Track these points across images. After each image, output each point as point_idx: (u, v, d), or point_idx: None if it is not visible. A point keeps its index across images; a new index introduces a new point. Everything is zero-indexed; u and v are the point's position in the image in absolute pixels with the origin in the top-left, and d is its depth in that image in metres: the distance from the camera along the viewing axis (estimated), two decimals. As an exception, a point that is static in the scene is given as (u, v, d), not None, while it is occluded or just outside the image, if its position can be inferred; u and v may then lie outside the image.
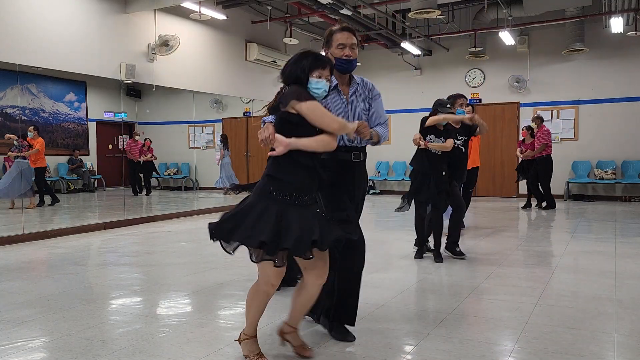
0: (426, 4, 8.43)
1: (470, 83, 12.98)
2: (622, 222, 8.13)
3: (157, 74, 9.12)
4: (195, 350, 2.91)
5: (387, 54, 13.37)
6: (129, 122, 12.90)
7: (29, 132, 9.34)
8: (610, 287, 4.18)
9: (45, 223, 8.34)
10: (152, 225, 8.27)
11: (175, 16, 9.44)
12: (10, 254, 5.87)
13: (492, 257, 5.47)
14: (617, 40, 11.28)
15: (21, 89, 10.13)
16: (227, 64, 10.69)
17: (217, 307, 3.83)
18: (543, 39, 12.07)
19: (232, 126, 14.07)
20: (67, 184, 11.79)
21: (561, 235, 7.09)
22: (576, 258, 5.42)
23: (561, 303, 3.76)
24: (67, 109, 11.54)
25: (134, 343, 3.02)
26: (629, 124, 11.50)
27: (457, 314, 3.54)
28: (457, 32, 11.69)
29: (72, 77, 10.19)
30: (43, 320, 3.46)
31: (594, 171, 11.77)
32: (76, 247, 6.31)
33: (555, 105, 12.17)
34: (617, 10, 9.91)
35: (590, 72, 11.78)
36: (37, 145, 9.29)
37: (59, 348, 2.95)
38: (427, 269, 4.94)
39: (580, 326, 3.25)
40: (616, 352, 2.84)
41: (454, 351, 2.85)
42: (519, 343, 2.98)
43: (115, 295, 4.14)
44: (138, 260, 5.59)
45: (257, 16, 10.92)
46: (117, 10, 8.49)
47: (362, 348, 2.91)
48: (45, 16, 7.45)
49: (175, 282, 4.58)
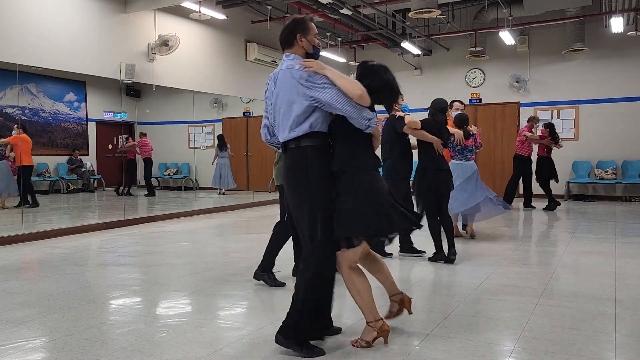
0: (426, 3, 8.43)
1: (470, 83, 12.98)
2: (623, 222, 8.13)
3: (157, 73, 9.12)
4: (195, 350, 2.91)
5: (387, 54, 13.36)
6: (128, 122, 12.89)
7: (13, 130, 9.17)
8: (610, 287, 4.17)
9: (45, 223, 8.33)
10: (152, 225, 8.27)
11: (175, 16, 9.43)
12: (10, 254, 5.86)
13: (492, 257, 5.46)
14: (618, 40, 11.28)
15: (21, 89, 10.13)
16: (227, 64, 10.69)
17: (217, 307, 3.83)
18: (543, 39, 12.07)
19: (232, 126, 14.07)
20: (67, 184, 11.78)
21: (561, 235, 7.08)
22: (576, 258, 5.42)
23: (561, 303, 3.76)
24: (66, 108, 11.53)
25: (134, 343, 3.02)
26: (629, 124, 11.50)
27: (457, 314, 3.54)
28: (458, 32, 11.69)
29: (71, 77, 10.19)
30: (42, 321, 3.46)
31: (594, 171, 11.77)
32: (76, 247, 6.31)
33: (555, 105, 12.17)
34: (617, 10, 9.91)
35: (590, 72, 11.78)
36: (11, 139, 8.95)
37: (59, 348, 2.95)
38: (427, 269, 4.94)
39: (580, 326, 3.25)
40: (616, 352, 2.83)
41: (454, 351, 2.85)
42: (519, 343, 2.98)
43: (115, 295, 4.14)
44: (138, 260, 5.58)
45: (257, 16, 10.92)
46: (116, 10, 8.49)
47: (362, 348, 2.90)
48: (45, 16, 7.45)
49: (175, 282, 4.58)
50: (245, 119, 14.11)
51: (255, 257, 5.56)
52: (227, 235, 7.70)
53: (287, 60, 2.96)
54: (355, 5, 9.80)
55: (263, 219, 9.03)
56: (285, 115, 2.87)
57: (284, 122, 2.89)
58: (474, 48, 11.69)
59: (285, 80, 2.86)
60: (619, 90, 11.52)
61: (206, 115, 13.69)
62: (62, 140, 11.56)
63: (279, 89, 2.90)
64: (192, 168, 13.99)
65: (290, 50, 2.97)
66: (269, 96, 3.01)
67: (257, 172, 14.00)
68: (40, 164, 11.10)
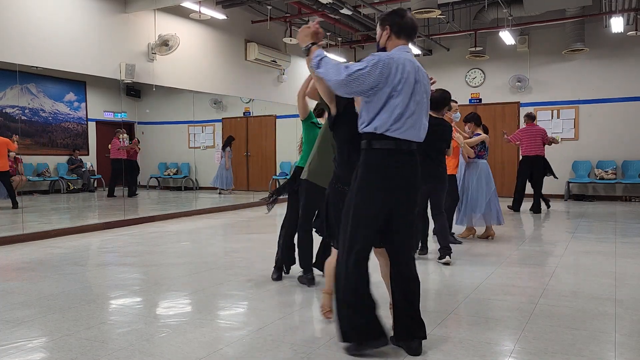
0: (426, 3, 8.43)
1: (470, 83, 12.98)
2: (623, 222, 8.13)
3: (157, 73, 9.12)
4: (195, 350, 2.91)
5: (387, 54, 13.36)
6: (128, 122, 12.90)
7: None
8: (610, 287, 4.17)
9: (45, 223, 8.33)
10: (152, 225, 8.27)
11: (175, 16, 9.43)
12: (10, 254, 5.87)
13: (492, 257, 5.47)
14: (617, 40, 11.28)
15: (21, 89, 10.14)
16: (227, 64, 10.69)
17: (217, 307, 3.83)
18: (543, 39, 12.07)
19: (232, 126, 14.07)
20: (67, 184, 11.78)
21: (561, 235, 7.08)
22: (576, 258, 5.42)
23: (561, 303, 3.76)
24: (66, 108, 11.54)
25: (134, 343, 3.02)
26: (629, 124, 11.50)
27: (457, 314, 3.54)
28: (458, 32, 11.69)
29: (71, 77, 10.20)
30: (43, 320, 3.46)
31: (594, 171, 11.77)
32: (76, 247, 6.31)
33: (555, 105, 12.17)
34: (617, 10, 9.91)
35: (590, 72, 11.78)
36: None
37: (59, 348, 2.95)
38: (427, 269, 4.94)
39: (580, 326, 3.25)
40: (616, 352, 2.83)
41: (454, 351, 2.85)
42: (519, 343, 2.98)
43: (115, 295, 4.14)
44: (138, 260, 5.58)
45: (257, 16, 10.92)
46: (116, 10, 8.49)
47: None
48: (45, 16, 7.45)
49: (175, 282, 4.58)
50: (245, 118, 14.12)
51: (255, 257, 5.58)
52: (227, 235, 7.70)
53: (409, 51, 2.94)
54: (355, 5, 9.80)
55: (263, 219, 9.03)
56: (425, 112, 2.87)
57: (425, 120, 2.88)
58: (474, 48, 11.69)
59: (424, 76, 2.89)
60: (619, 90, 11.52)
61: (206, 115, 13.70)
62: (62, 140, 11.56)
63: (423, 82, 2.85)
64: (192, 168, 14.00)
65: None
66: (405, 81, 2.76)
67: (257, 172, 14.02)
68: (40, 164, 11.12)
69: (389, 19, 2.93)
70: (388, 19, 2.94)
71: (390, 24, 2.91)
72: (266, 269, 4.74)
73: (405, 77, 2.73)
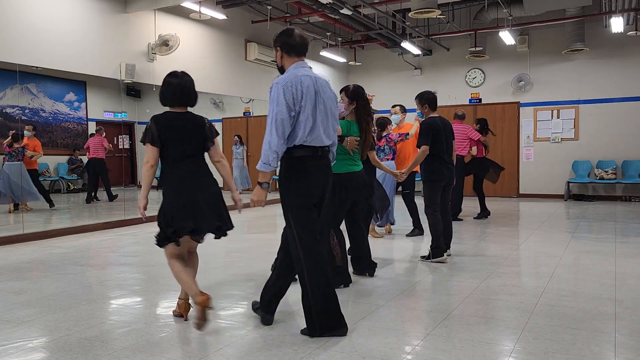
0: (426, 3, 8.43)
1: (470, 83, 12.98)
2: (623, 222, 8.13)
3: (157, 73, 9.11)
4: (195, 350, 2.91)
5: (387, 54, 13.37)
6: (128, 122, 12.89)
7: None
8: (610, 287, 4.17)
9: (45, 223, 8.33)
10: (152, 225, 8.23)
11: (175, 16, 9.43)
12: (10, 254, 5.87)
13: (492, 257, 5.47)
14: (617, 40, 11.28)
15: (21, 89, 10.13)
16: (227, 64, 10.69)
17: (217, 307, 3.83)
18: (543, 39, 12.07)
19: (232, 126, 14.07)
20: (67, 184, 11.78)
21: (561, 235, 7.08)
22: (576, 258, 5.42)
23: (561, 303, 3.76)
24: (67, 108, 11.53)
25: (134, 343, 3.02)
26: (629, 124, 11.50)
27: (457, 314, 3.54)
28: (458, 32, 11.69)
29: (71, 77, 10.18)
30: (43, 320, 3.46)
31: (594, 171, 11.77)
32: (76, 247, 6.31)
33: (555, 105, 12.17)
34: (617, 10, 9.91)
35: (590, 72, 11.78)
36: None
37: (59, 348, 2.95)
38: (427, 269, 4.94)
39: (580, 326, 3.25)
40: (616, 352, 2.83)
41: (454, 351, 2.85)
42: (519, 343, 2.98)
43: (115, 295, 4.14)
44: (138, 260, 5.59)
45: (257, 16, 10.92)
46: (117, 10, 8.49)
47: (362, 348, 2.91)
48: (45, 16, 7.45)
49: (175, 282, 4.56)
50: (245, 118, 14.12)
51: (255, 257, 5.58)
52: (227, 235, 7.68)
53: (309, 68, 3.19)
54: (355, 5, 9.80)
55: (263, 219, 9.03)
56: (333, 120, 3.20)
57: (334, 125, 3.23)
58: (474, 48, 11.69)
59: (322, 85, 3.14)
60: (619, 90, 11.53)
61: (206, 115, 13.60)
62: (62, 140, 11.55)
63: (325, 94, 3.13)
64: (192, 168, 13.96)
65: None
66: (307, 97, 3.03)
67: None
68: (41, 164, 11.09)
69: (278, 41, 3.15)
70: (278, 40, 3.16)
71: (280, 45, 3.13)
72: (266, 269, 4.73)
73: (306, 92, 2.99)
